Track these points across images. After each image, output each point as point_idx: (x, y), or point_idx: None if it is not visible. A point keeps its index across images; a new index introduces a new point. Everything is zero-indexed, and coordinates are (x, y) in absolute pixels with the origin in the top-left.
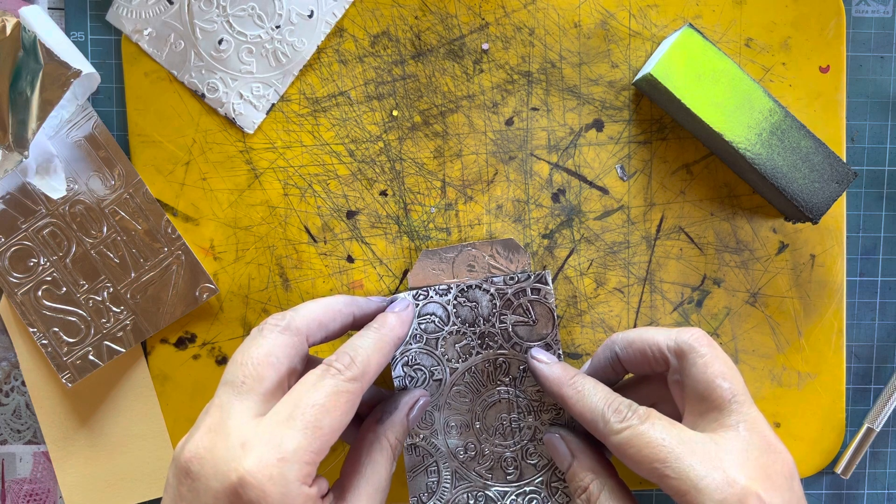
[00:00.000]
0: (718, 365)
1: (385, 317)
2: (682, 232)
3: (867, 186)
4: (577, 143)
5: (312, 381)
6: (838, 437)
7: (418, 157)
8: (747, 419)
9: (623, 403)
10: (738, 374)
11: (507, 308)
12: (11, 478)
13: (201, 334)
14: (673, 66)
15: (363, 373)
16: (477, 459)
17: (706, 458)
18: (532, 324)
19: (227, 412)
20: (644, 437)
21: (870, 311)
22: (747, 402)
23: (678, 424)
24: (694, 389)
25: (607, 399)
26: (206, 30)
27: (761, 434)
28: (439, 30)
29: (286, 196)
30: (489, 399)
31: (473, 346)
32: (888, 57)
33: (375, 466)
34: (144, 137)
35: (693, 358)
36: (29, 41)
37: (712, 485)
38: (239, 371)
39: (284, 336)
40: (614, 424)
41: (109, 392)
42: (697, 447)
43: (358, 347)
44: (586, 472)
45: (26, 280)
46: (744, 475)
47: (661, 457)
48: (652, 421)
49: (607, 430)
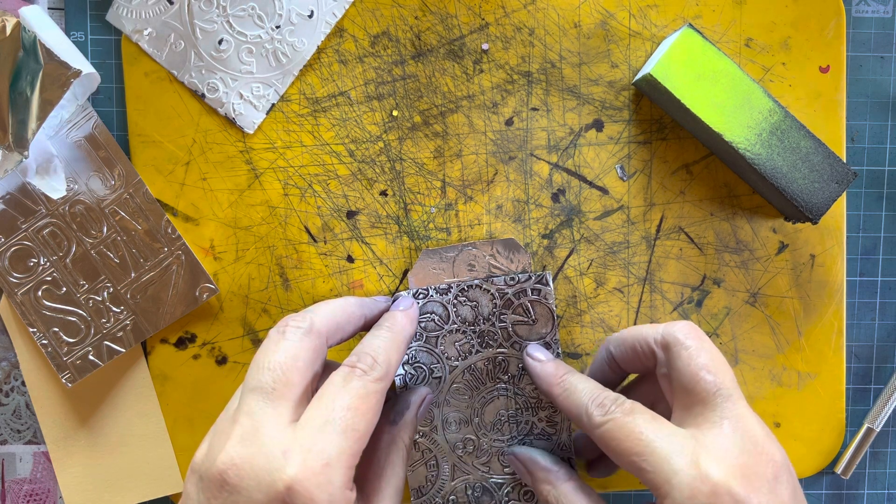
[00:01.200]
0: (704, 357)
1: (394, 315)
2: (682, 232)
3: (867, 186)
4: (577, 143)
5: (340, 384)
6: (838, 437)
7: (418, 157)
8: (732, 415)
9: (608, 398)
10: (726, 368)
11: (507, 308)
12: (11, 478)
13: (201, 334)
14: (673, 66)
15: (386, 372)
16: (475, 454)
17: (682, 452)
18: (532, 323)
19: (259, 420)
20: (624, 430)
21: (870, 311)
22: (734, 396)
23: (661, 419)
24: (679, 382)
25: (592, 394)
26: (206, 30)
27: (747, 432)
28: (439, 30)
29: (286, 196)
30: (488, 396)
31: (473, 344)
32: (888, 57)
33: (395, 468)
34: (144, 137)
35: (678, 350)
36: (29, 41)
37: (685, 480)
38: (267, 377)
39: (308, 339)
40: (596, 417)
41: (109, 392)
42: (675, 441)
43: (378, 348)
44: (542, 484)
45: (26, 280)
46: (720, 472)
47: (638, 450)
48: (635, 414)
49: (591, 424)
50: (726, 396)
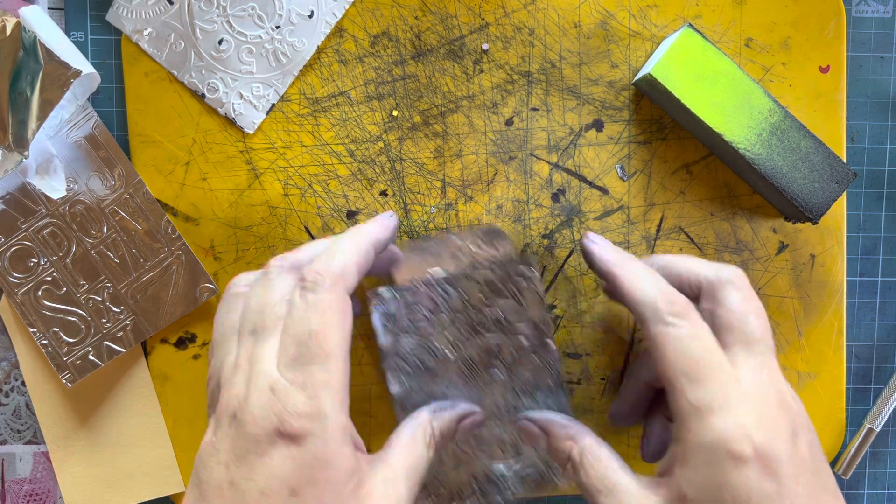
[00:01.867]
0: (755, 303)
1: (361, 225)
2: (682, 232)
3: (867, 186)
4: (576, 143)
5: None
6: (838, 437)
7: (418, 157)
8: (769, 367)
9: (680, 300)
10: (768, 324)
11: (496, 294)
12: (11, 478)
13: (201, 334)
14: (673, 66)
15: (336, 279)
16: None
17: (725, 386)
18: (522, 308)
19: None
20: (685, 345)
21: (870, 311)
22: (773, 350)
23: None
24: (727, 320)
25: (663, 288)
26: (206, 30)
27: (776, 386)
28: (439, 30)
29: (286, 196)
30: (484, 385)
31: (464, 334)
32: (888, 57)
33: (416, 444)
34: (144, 137)
35: (731, 290)
36: (29, 41)
37: (717, 423)
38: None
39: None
40: (666, 315)
41: (109, 392)
42: (727, 371)
43: (335, 253)
44: (562, 441)
45: (26, 280)
46: (747, 415)
47: (692, 371)
48: (702, 330)
49: (655, 318)
50: (768, 346)
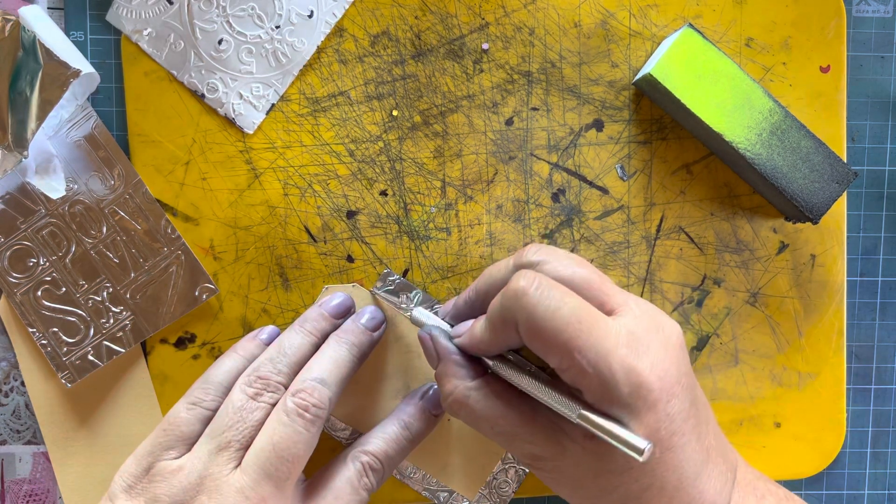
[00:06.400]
0: (564, 268)
1: (348, 327)
2: (682, 232)
3: (867, 186)
4: (577, 143)
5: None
6: (838, 437)
7: (418, 157)
8: (627, 301)
9: None
10: (588, 266)
11: None
12: (11, 478)
13: (201, 334)
14: (673, 66)
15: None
16: None
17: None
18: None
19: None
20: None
21: (870, 311)
22: (617, 289)
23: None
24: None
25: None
26: (205, 30)
27: (648, 312)
28: (439, 30)
29: (286, 196)
30: None
31: None
32: (888, 57)
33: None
34: (144, 137)
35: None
36: (28, 41)
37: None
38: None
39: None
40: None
41: (109, 392)
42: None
43: (324, 380)
44: (450, 378)
45: (26, 280)
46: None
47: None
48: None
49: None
50: (615, 291)
